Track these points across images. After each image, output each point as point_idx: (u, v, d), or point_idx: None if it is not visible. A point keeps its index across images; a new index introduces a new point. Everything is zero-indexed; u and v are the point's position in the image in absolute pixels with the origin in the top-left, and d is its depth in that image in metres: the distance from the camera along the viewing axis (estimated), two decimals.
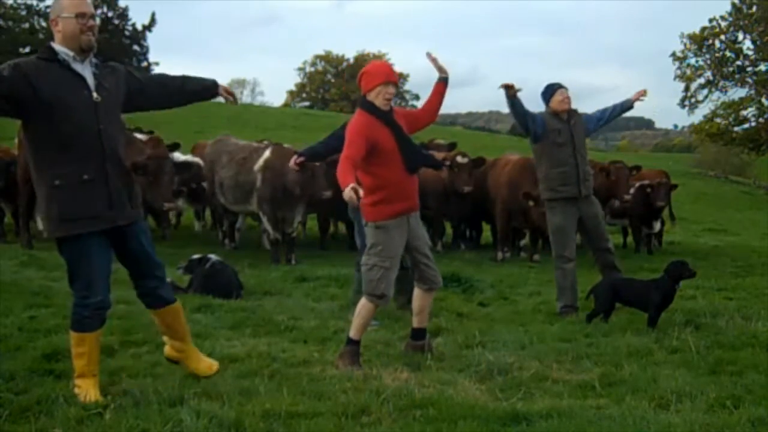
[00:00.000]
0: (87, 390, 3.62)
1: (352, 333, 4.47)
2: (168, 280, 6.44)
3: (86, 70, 3.58)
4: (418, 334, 4.73)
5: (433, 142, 11.43)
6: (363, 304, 4.48)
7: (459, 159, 9.69)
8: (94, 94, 3.54)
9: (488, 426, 3.39)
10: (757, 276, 8.38)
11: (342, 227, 11.61)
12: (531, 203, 8.73)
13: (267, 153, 9.14)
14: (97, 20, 3.63)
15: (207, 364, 4.03)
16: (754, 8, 34.19)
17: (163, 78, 4.02)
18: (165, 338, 4.07)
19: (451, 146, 11.14)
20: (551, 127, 6.07)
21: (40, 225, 10.97)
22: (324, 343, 4.99)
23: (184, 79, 3.98)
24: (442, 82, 4.72)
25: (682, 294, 7.02)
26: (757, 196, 27.35)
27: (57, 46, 3.57)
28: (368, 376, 4.19)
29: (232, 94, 4.10)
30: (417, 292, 4.71)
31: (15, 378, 3.90)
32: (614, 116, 6.35)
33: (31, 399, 3.57)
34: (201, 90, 4.01)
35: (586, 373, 4.31)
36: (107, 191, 3.59)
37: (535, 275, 8.26)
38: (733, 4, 34.80)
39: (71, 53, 3.55)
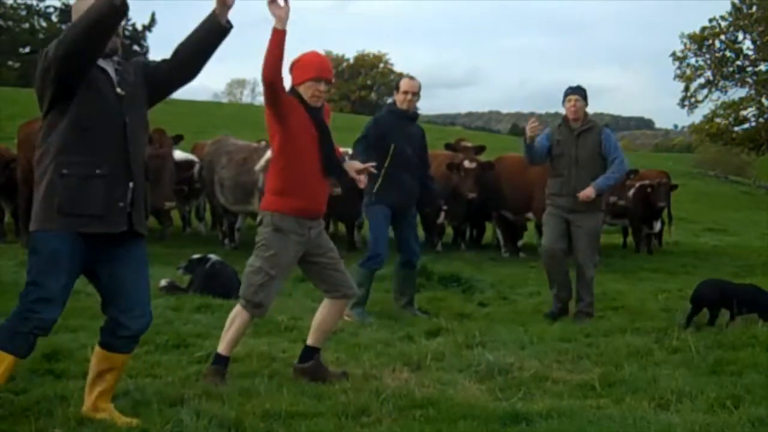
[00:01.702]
0: None
1: (222, 348, 4.03)
2: (168, 280, 6.57)
3: (108, 65, 3.33)
4: (308, 353, 4.22)
5: (461, 144, 11.17)
6: (237, 312, 4.08)
7: (466, 164, 9.46)
8: (118, 89, 3.30)
9: (488, 426, 3.39)
10: (757, 276, 8.37)
11: (342, 227, 11.61)
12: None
13: (269, 153, 9.14)
14: (123, 21, 3.33)
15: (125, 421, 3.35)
16: (754, 8, 34.23)
17: (174, 51, 3.50)
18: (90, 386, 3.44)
19: (479, 149, 10.55)
20: (554, 139, 6.09)
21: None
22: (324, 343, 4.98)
23: (189, 35, 3.46)
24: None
25: (682, 294, 7.03)
26: (757, 196, 27.34)
27: None
28: (368, 376, 4.19)
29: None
30: (324, 302, 4.33)
31: (15, 378, 3.89)
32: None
33: (31, 399, 3.57)
34: (207, 27, 3.41)
35: (586, 373, 4.31)
36: (122, 192, 3.24)
37: (535, 275, 8.26)
38: (733, 4, 34.82)
39: None
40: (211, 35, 3.42)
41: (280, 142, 4.04)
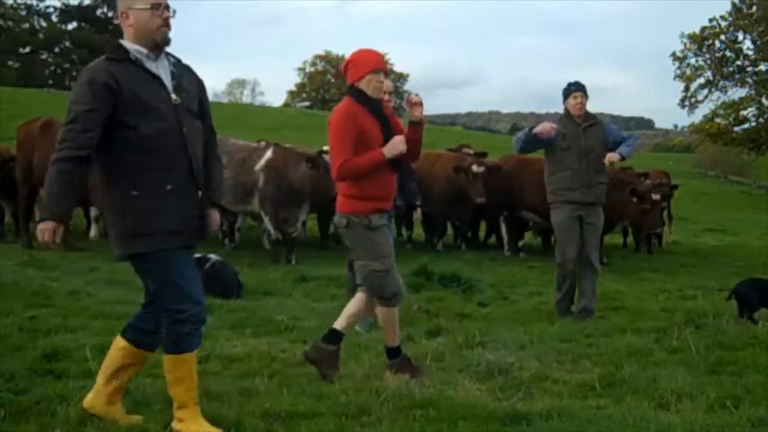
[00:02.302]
0: (192, 422, 3.23)
1: (388, 341, 4.33)
2: None
3: (162, 69, 3.19)
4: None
5: (463, 149, 11.12)
6: (381, 312, 4.27)
7: (474, 168, 9.41)
8: (173, 95, 3.16)
9: (488, 426, 3.39)
10: (757, 276, 8.36)
11: None
12: (634, 199, 8.64)
13: (269, 153, 9.16)
14: (173, 12, 3.23)
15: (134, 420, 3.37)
16: (754, 8, 34.23)
17: (209, 124, 3.46)
18: (99, 377, 3.47)
19: (480, 156, 10.52)
20: (559, 131, 6.01)
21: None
22: None
23: (209, 155, 3.41)
24: (412, 127, 4.20)
25: (682, 294, 7.04)
26: (757, 196, 27.33)
27: (128, 43, 3.17)
28: (368, 376, 4.19)
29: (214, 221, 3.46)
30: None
31: (15, 378, 3.90)
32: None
33: (31, 399, 3.57)
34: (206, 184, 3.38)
35: (586, 373, 4.31)
36: (194, 204, 3.21)
37: (535, 275, 8.26)
38: (733, 4, 34.82)
39: (144, 50, 3.16)
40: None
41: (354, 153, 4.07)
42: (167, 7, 3.19)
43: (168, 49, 3.25)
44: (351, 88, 4.16)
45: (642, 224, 9.24)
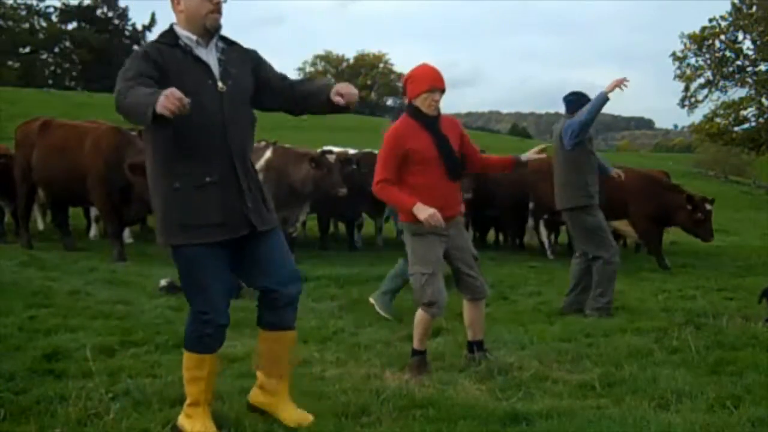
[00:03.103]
0: (199, 421, 3.22)
1: (415, 344, 4.39)
2: (168, 279, 6.56)
3: (211, 56, 3.15)
4: (472, 346, 4.57)
5: None
6: (417, 314, 4.38)
7: None
8: (219, 84, 3.11)
9: (488, 426, 3.39)
10: (757, 276, 8.37)
11: (342, 227, 11.62)
12: (689, 207, 8.78)
13: (268, 153, 9.15)
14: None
15: (299, 415, 3.41)
16: (754, 8, 34.27)
17: (283, 75, 3.43)
18: (258, 377, 3.51)
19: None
20: (588, 135, 6.09)
21: (40, 225, 11.02)
22: (324, 343, 4.99)
23: (302, 80, 3.47)
24: (514, 162, 4.56)
25: (682, 294, 7.04)
26: (757, 196, 27.37)
27: (179, 29, 3.14)
28: (368, 376, 4.19)
29: (345, 94, 3.22)
30: (463, 303, 4.59)
31: (15, 378, 3.90)
32: (590, 114, 5.97)
33: (31, 399, 3.57)
34: (316, 91, 3.33)
35: (586, 373, 4.31)
36: (237, 195, 3.16)
37: (535, 275, 8.26)
38: (733, 4, 34.86)
39: (194, 37, 3.12)
40: (323, 108, 3.33)
41: (402, 168, 4.24)
42: None
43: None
44: (408, 106, 4.34)
45: (697, 234, 9.24)
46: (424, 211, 4.08)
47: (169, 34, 3.14)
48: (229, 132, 3.13)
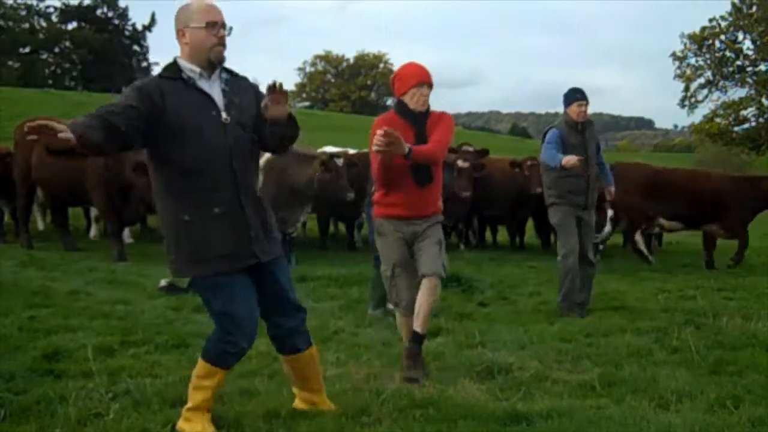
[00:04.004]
0: (199, 424, 3.25)
1: (404, 343, 4.37)
2: (168, 279, 6.56)
3: (214, 87, 3.18)
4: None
5: (462, 147, 11.12)
6: (397, 316, 4.46)
7: (460, 163, 9.44)
8: (223, 114, 3.13)
9: (488, 426, 3.39)
10: (757, 276, 8.38)
11: (342, 227, 11.62)
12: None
13: (268, 153, 9.13)
14: (228, 30, 3.24)
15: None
16: (754, 8, 34.28)
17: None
18: (294, 392, 3.64)
19: (482, 153, 10.45)
20: (567, 142, 6.12)
21: (40, 225, 11.03)
22: (324, 343, 4.98)
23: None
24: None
25: (682, 294, 7.04)
26: None
27: (182, 62, 3.17)
28: (368, 376, 4.19)
29: (274, 90, 3.16)
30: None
31: (15, 378, 3.90)
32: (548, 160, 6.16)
33: (31, 399, 3.57)
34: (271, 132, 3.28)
35: (586, 373, 4.31)
36: (243, 226, 3.17)
37: (535, 275, 8.26)
38: (733, 4, 34.88)
39: (198, 69, 3.15)
40: (275, 133, 3.28)
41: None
42: (223, 26, 3.17)
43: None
44: (397, 102, 4.33)
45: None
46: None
47: (173, 67, 3.17)
48: (235, 162, 3.15)
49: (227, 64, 3.24)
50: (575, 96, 6.19)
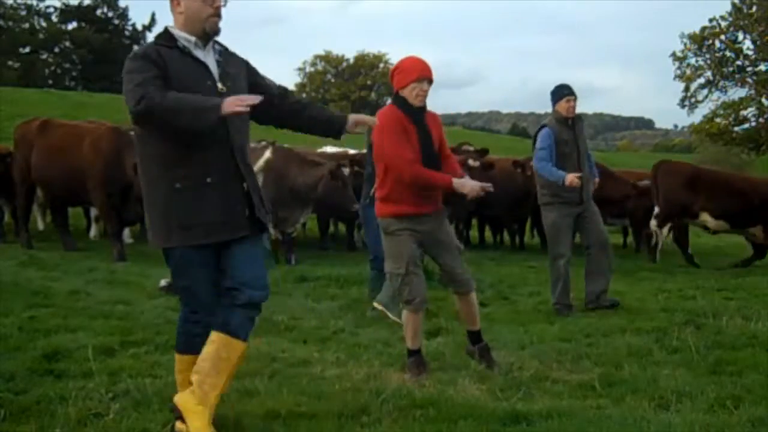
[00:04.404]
0: (198, 420, 3.13)
1: (408, 343, 4.35)
2: (168, 279, 6.56)
3: (209, 57, 3.13)
4: (471, 336, 4.57)
5: (462, 147, 11.14)
6: (403, 313, 4.40)
7: (471, 162, 9.32)
8: (219, 84, 3.09)
9: (488, 426, 3.39)
10: (757, 276, 8.37)
11: (342, 227, 11.61)
12: None
13: (267, 153, 9.14)
14: (224, 0, 3.18)
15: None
16: (754, 8, 34.25)
17: (285, 90, 3.44)
18: (193, 380, 3.23)
19: (482, 153, 10.41)
20: (560, 138, 6.13)
21: (40, 225, 11.01)
22: (324, 343, 4.99)
23: (308, 104, 3.47)
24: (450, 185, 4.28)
25: (682, 294, 7.03)
26: None
27: (176, 30, 3.12)
28: (368, 376, 4.19)
29: (364, 122, 3.40)
30: (455, 298, 4.57)
31: (15, 378, 3.90)
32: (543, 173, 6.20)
33: (31, 399, 3.57)
34: (324, 120, 3.39)
35: (586, 373, 4.31)
36: (239, 195, 3.14)
37: (535, 275, 8.26)
38: (733, 4, 34.85)
39: (192, 39, 3.10)
40: (323, 131, 3.41)
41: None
42: None
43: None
44: (395, 96, 4.28)
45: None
46: (464, 185, 4.14)
47: (166, 36, 3.12)
48: (231, 132, 3.11)
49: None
50: (563, 92, 6.22)
